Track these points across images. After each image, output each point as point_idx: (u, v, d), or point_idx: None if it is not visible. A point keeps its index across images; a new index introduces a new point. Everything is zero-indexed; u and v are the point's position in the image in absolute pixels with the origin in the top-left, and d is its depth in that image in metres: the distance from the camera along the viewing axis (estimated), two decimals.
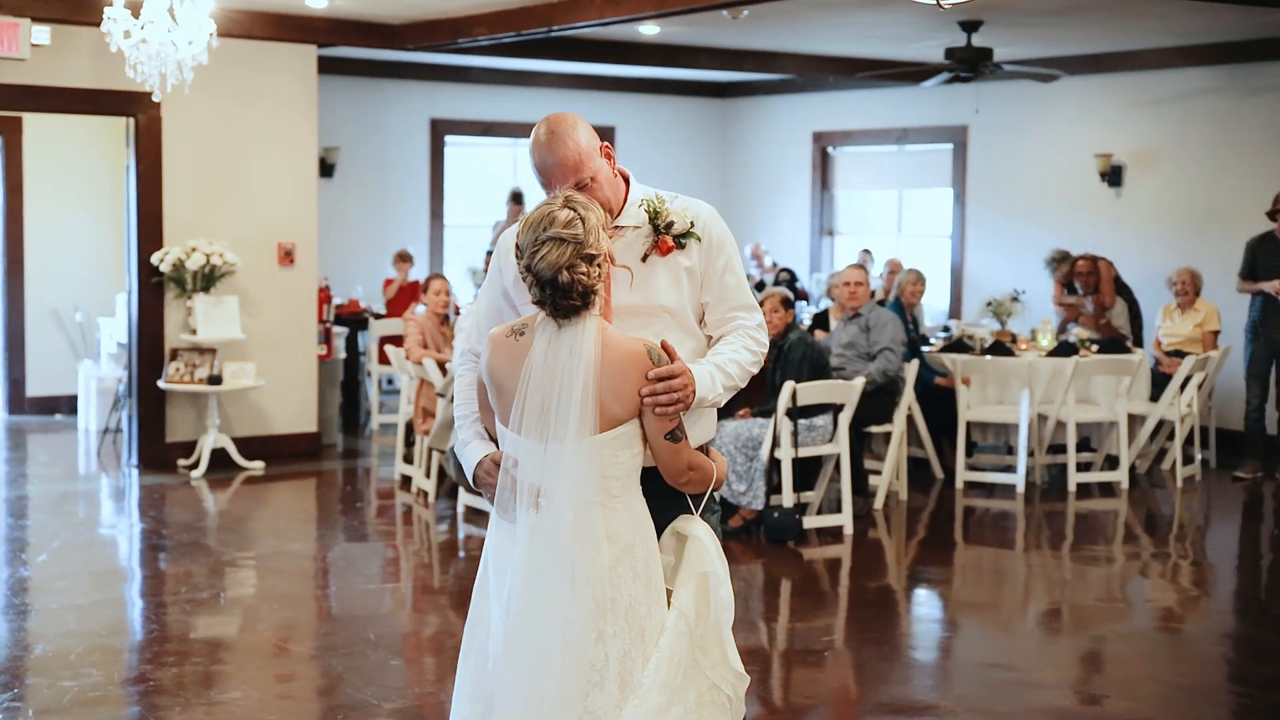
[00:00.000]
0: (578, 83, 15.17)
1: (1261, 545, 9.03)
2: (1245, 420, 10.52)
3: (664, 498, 3.56)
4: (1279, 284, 10.09)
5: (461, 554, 8.31)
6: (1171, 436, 10.48)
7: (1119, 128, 12.54)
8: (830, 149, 15.21)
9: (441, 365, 9.25)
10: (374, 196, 14.34)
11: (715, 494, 3.69)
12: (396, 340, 11.94)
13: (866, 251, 14.13)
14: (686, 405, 3.42)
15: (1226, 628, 7.06)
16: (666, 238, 3.63)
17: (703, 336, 3.72)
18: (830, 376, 8.60)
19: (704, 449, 3.67)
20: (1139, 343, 11.04)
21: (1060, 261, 11.62)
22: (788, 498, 8.38)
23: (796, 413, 8.31)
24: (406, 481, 10.00)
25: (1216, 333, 10.81)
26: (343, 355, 11.67)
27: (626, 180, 3.72)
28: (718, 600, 3.50)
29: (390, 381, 13.72)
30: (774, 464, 8.40)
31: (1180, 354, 10.64)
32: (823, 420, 8.49)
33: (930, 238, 14.40)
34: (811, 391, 8.31)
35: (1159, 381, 10.52)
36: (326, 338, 11.17)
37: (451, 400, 8.71)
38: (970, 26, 10.31)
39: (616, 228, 3.63)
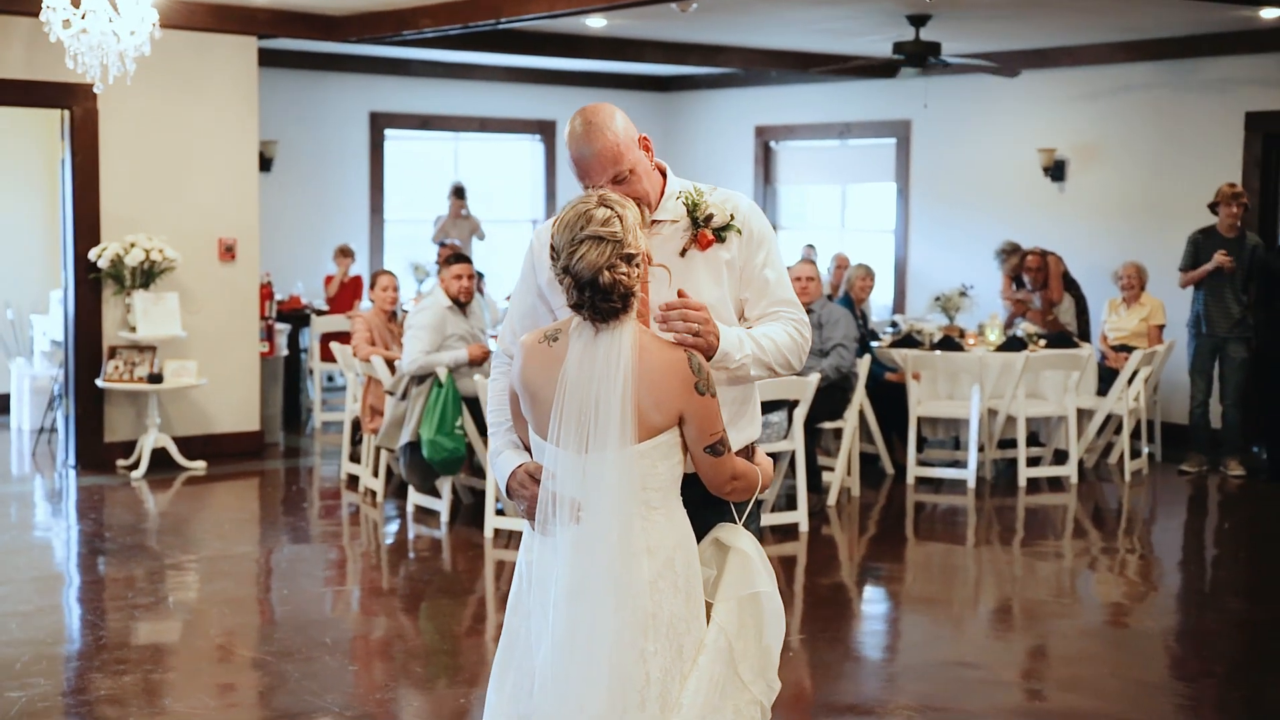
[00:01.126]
0: (518, 76, 15.03)
1: (1209, 539, 9.07)
2: (1190, 414, 10.58)
3: (705, 506, 3.43)
4: (1222, 257, 10.11)
5: (411, 555, 8.17)
6: (1118, 431, 10.53)
7: (1062, 122, 12.58)
8: (773, 143, 15.18)
9: (390, 363, 9.11)
10: (313, 191, 14.14)
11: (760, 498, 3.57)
12: (339, 337, 11.79)
13: (811, 247, 14.09)
14: (707, 345, 3.27)
15: (1175, 622, 7.06)
16: (706, 231, 3.50)
17: None
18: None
19: (749, 451, 3.56)
20: (1085, 338, 11.08)
21: (1010, 253, 11.64)
22: None
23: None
24: (353, 481, 9.84)
25: (1161, 327, 10.86)
26: (285, 352, 11.47)
27: (663, 173, 3.59)
28: (770, 616, 3.40)
29: (331, 379, 13.53)
30: None
31: (1126, 348, 10.69)
32: (777, 417, 8.44)
33: (874, 233, 14.40)
34: (766, 388, 8.24)
35: (1105, 376, 10.56)
36: (269, 335, 10.98)
37: (401, 398, 8.60)
38: (918, 21, 10.29)
39: (654, 222, 3.51)
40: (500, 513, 8.44)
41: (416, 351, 8.52)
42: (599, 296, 3.18)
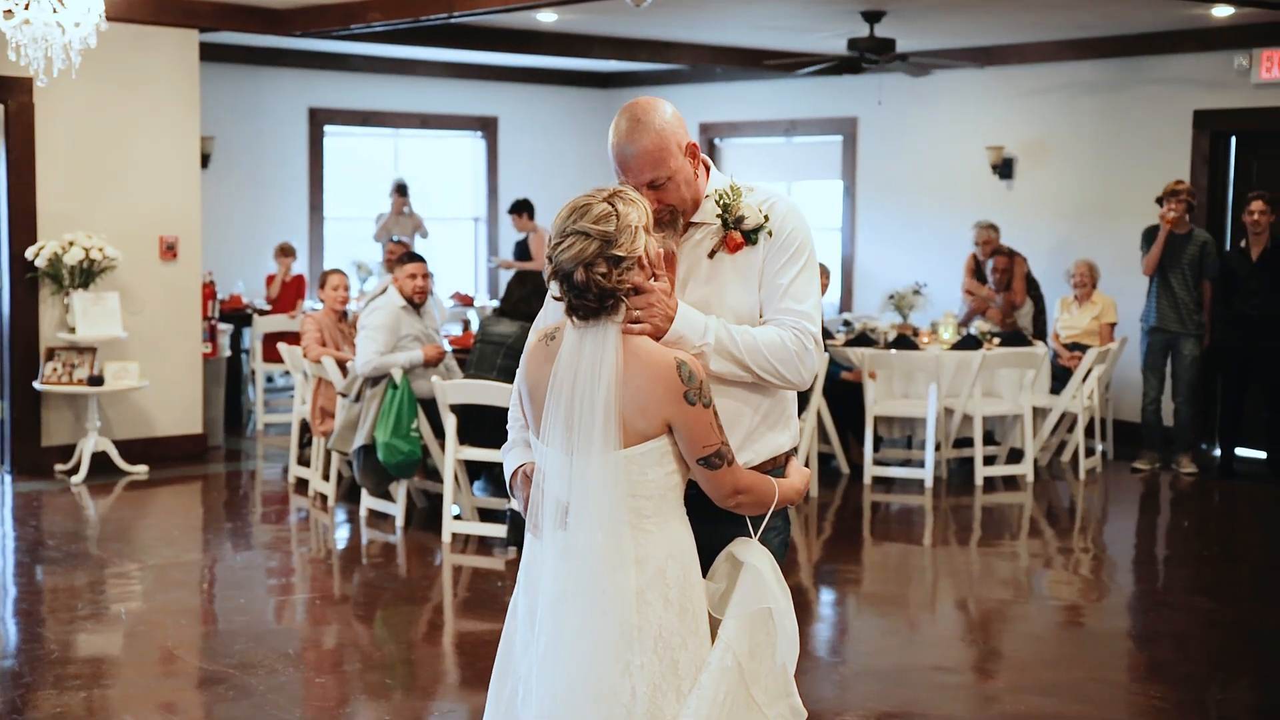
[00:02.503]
0: (460, 72, 14.82)
1: (1170, 538, 9.06)
2: (1142, 412, 10.60)
3: (720, 520, 3.29)
4: (1165, 210, 10.09)
5: (365, 561, 7.98)
6: (1071, 429, 10.52)
7: (1010, 120, 12.57)
8: (718, 140, 15.07)
9: (341, 364, 8.90)
10: (251, 189, 13.85)
11: (786, 509, 3.43)
12: (283, 337, 11.58)
13: None
14: (653, 329, 3.14)
15: (1143, 622, 7.01)
16: (735, 233, 3.35)
17: None
18: None
19: (782, 460, 3.42)
20: (1041, 338, 11.07)
21: (986, 229, 11.51)
22: None
23: None
24: (302, 484, 9.62)
25: (1113, 325, 10.87)
26: (227, 353, 11.21)
27: (708, 169, 3.45)
28: (783, 634, 3.25)
29: (270, 379, 13.27)
30: None
31: (1078, 347, 10.68)
32: None
33: (820, 230, 14.32)
34: None
35: (1058, 374, 10.54)
36: (211, 335, 10.73)
37: (355, 400, 8.41)
38: (873, 17, 10.21)
39: (691, 224, 3.38)
40: (458, 517, 8.27)
41: (371, 353, 8.32)
42: (574, 294, 3.10)
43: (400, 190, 13.77)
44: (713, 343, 3.24)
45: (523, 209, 13.79)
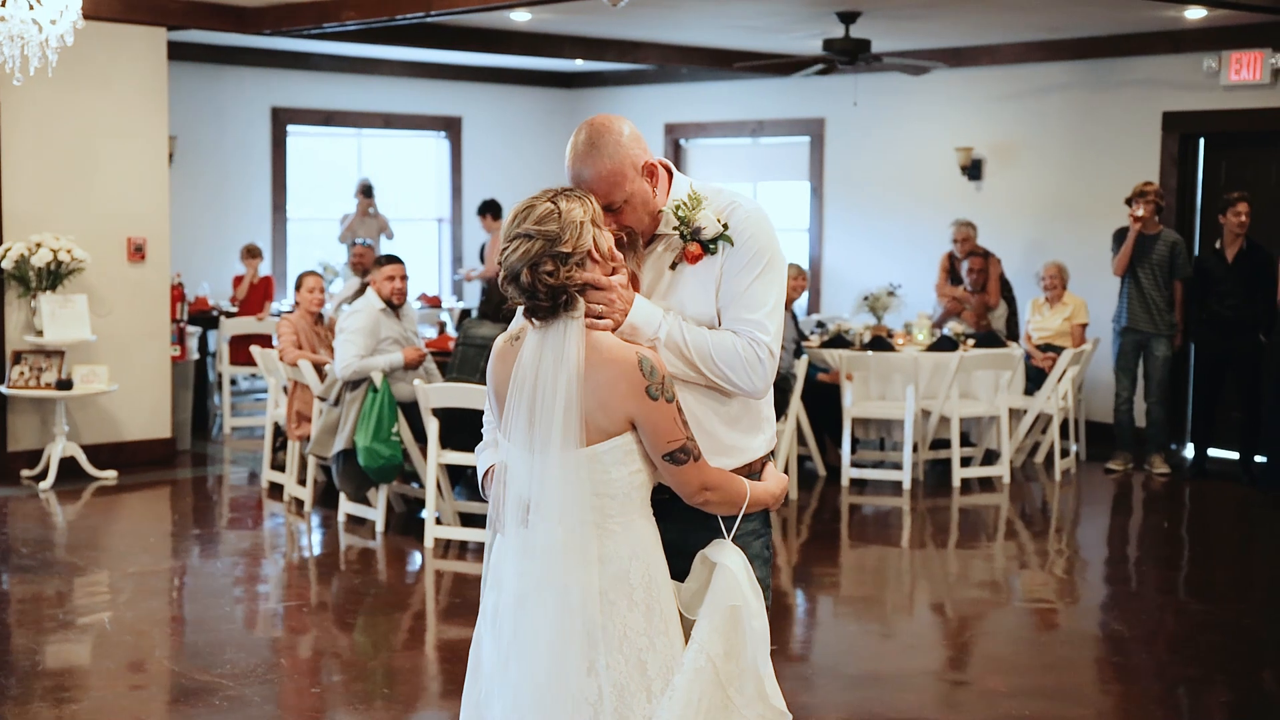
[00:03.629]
0: (423, 71, 14.70)
1: (1151, 540, 9.08)
2: (1115, 413, 10.63)
3: (690, 520, 3.27)
4: (1133, 208, 10.13)
5: (345, 567, 7.88)
6: (1045, 430, 10.55)
7: (979, 121, 12.59)
8: (683, 141, 15.03)
9: (318, 367, 8.79)
10: (213, 189, 13.67)
11: (766, 512, 3.39)
12: (252, 340, 11.46)
13: None
14: (614, 324, 3.13)
15: (1125, 623, 7.01)
16: (694, 244, 3.30)
17: None
18: None
19: (757, 466, 3.37)
20: (1014, 339, 11.10)
21: (964, 226, 11.51)
22: None
23: None
24: (275, 489, 9.49)
25: (1084, 325, 10.90)
26: (195, 356, 11.05)
27: (671, 177, 3.38)
28: (750, 633, 3.21)
29: (234, 382, 13.11)
30: None
31: (1050, 348, 10.71)
32: None
33: (787, 231, 14.30)
34: None
35: (1031, 375, 10.57)
36: (180, 338, 10.57)
37: (334, 404, 8.30)
38: (848, 18, 10.20)
39: (656, 236, 3.35)
40: (438, 521, 8.18)
41: (350, 356, 8.22)
42: (525, 295, 3.10)
43: (366, 191, 13.64)
44: (663, 338, 3.22)
45: (488, 210, 13.69)
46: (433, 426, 7.93)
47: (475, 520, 8.30)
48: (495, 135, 15.39)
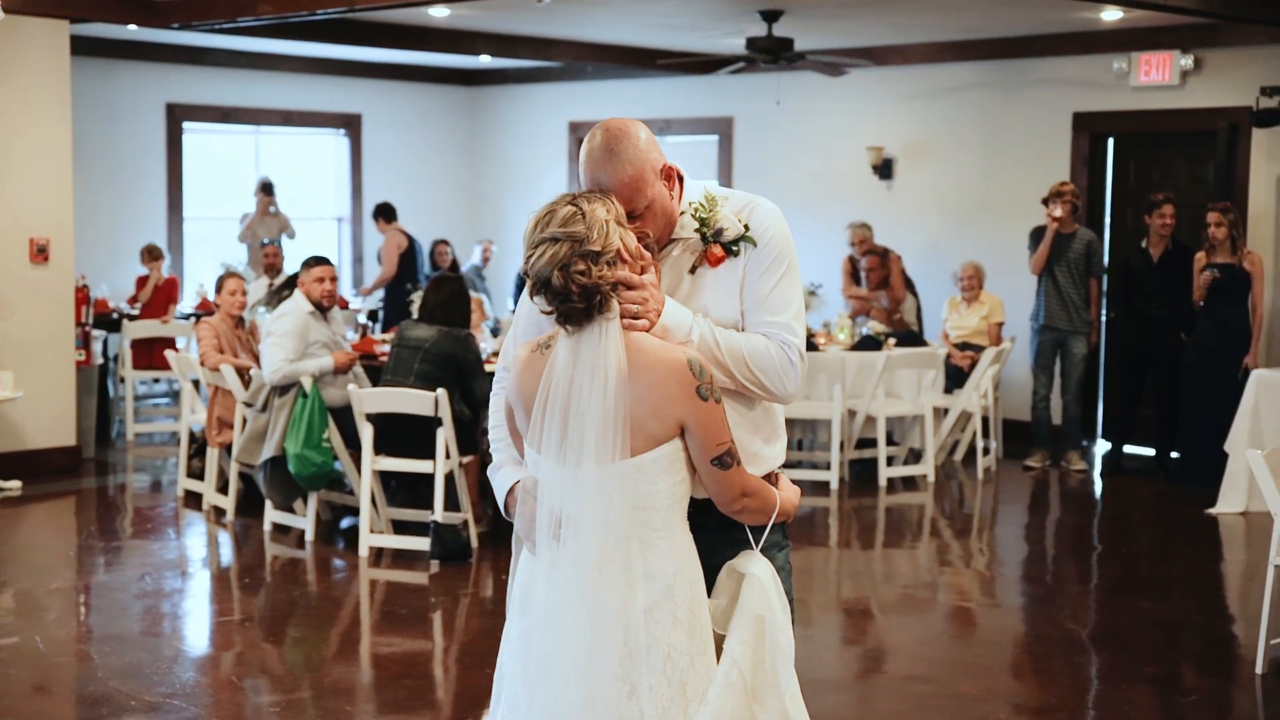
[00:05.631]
0: (321, 67, 14.39)
1: (1078, 535, 9.16)
2: (1033, 410, 10.72)
3: (720, 532, 3.16)
4: (1051, 208, 10.23)
5: (270, 577, 7.63)
6: (965, 428, 10.61)
7: (890, 121, 12.63)
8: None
9: (240, 372, 8.51)
10: (108, 188, 13.23)
11: (784, 525, 3.29)
12: (156, 343, 11.12)
13: None
14: (650, 322, 3.03)
15: (1083, 622, 7.06)
16: (715, 247, 3.19)
17: None
18: None
19: (772, 477, 3.26)
20: (921, 332, 11.15)
21: (860, 228, 11.53)
22: None
23: None
24: (193, 498, 9.17)
25: (1001, 324, 10.98)
26: (100, 360, 10.67)
27: (682, 182, 3.26)
28: (774, 646, 3.11)
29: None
30: None
31: (968, 346, 10.77)
32: None
33: None
34: None
35: (950, 374, 10.61)
36: (85, 342, 10.19)
37: (262, 410, 8.06)
38: (771, 16, 10.15)
39: (672, 239, 3.23)
40: (380, 531, 7.96)
41: (279, 360, 7.97)
42: (558, 299, 2.97)
43: (266, 189, 13.31)
44: (696, 340, 3.11)
45: (379, 213, 13.44)
46: (367, 432, 7.72)
47: (409, 528, 8.10)
48: (396, 133, 15.12)
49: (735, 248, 3.20)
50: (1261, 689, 5.98)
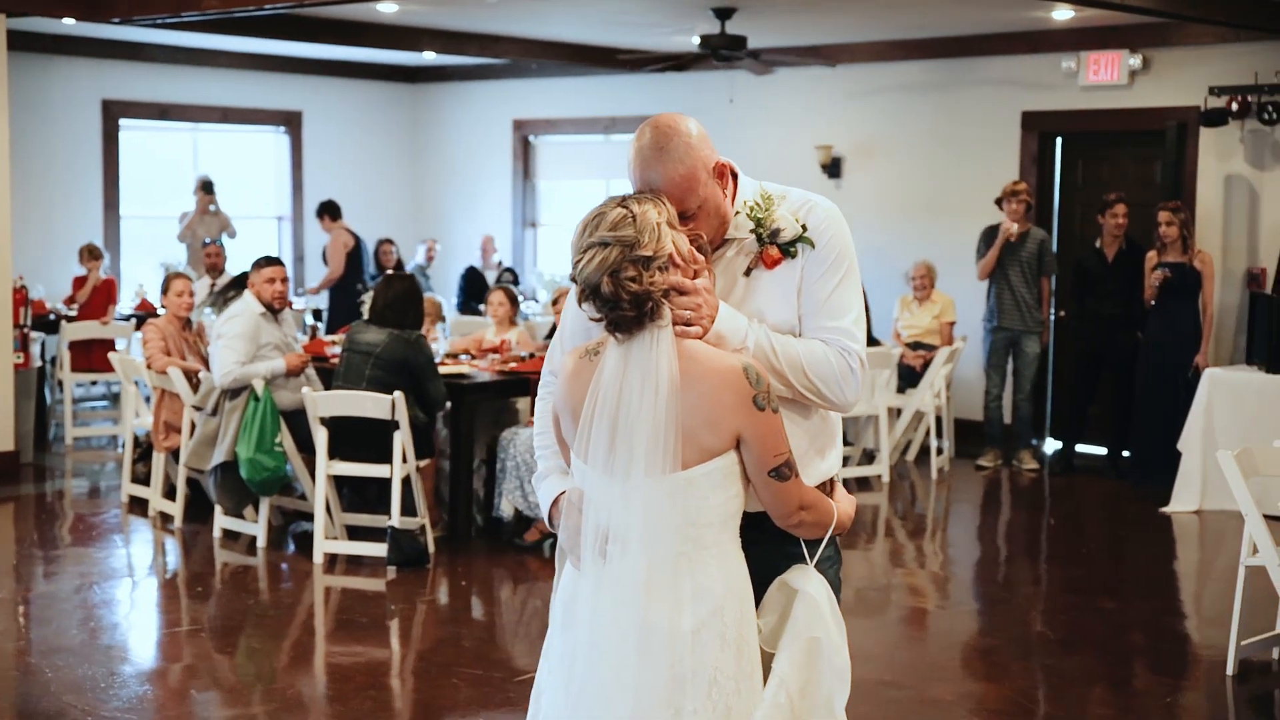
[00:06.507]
0: (262, 64, 14.15)
1: (1036, 535, 9.15)
2: (985, 409, 10.72)
3: (772, 545, 3.03)
4: (1007, 223, 10.24)
5: (220, 585, 7.45)
6: (918, 428, 10.59)
7: (839, 120, 12.58)
8: (532, 138, 14.75)
9: (188, 374, 8.31)
10: (42, 186, 12.92)
11: (836, 539, 3.15)
12: (95, 345, 10.88)
13: None
14: (703, 329, 2.91)
15: (1046, 624, 7.03)
16: (772, 248, 3.07)
17: None
18: None
19: (828, 487, 3.15)
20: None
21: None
22: None
23: None
24: (138, 504, 8.95)
25: (953, 323, 10.97)
26: (38, 363, 10.40)
27: (734, 175, 3.14)
28: (831, 670, 2.99)
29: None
30: None
31: (920, 346, 10.75)
32: None
33: None
34: None
35: (902, 374, 10.59)
36: (23, 344, 9.93)
37: (212, 414, 7.88)
38: (724, 14, 10.07)
39: (725, 240, 3.10)
40: (334, 538, 7.80)
41: (230, 363, 7.78)
42: (607, 307, 2.86)
43: (206, 187, 13.06)
44: (752, 347, 2.99)
45: (324, 211, 13.24)
46: (321, 436, 7.56)
47: (362, 533, 7.94)
48: (337, 131, 14.90)
49: (792, 249, 3.08)
50: (1233, 690, 5.96)
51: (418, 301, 7.89)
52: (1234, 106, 10.22)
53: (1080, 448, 10.72)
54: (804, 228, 3.08)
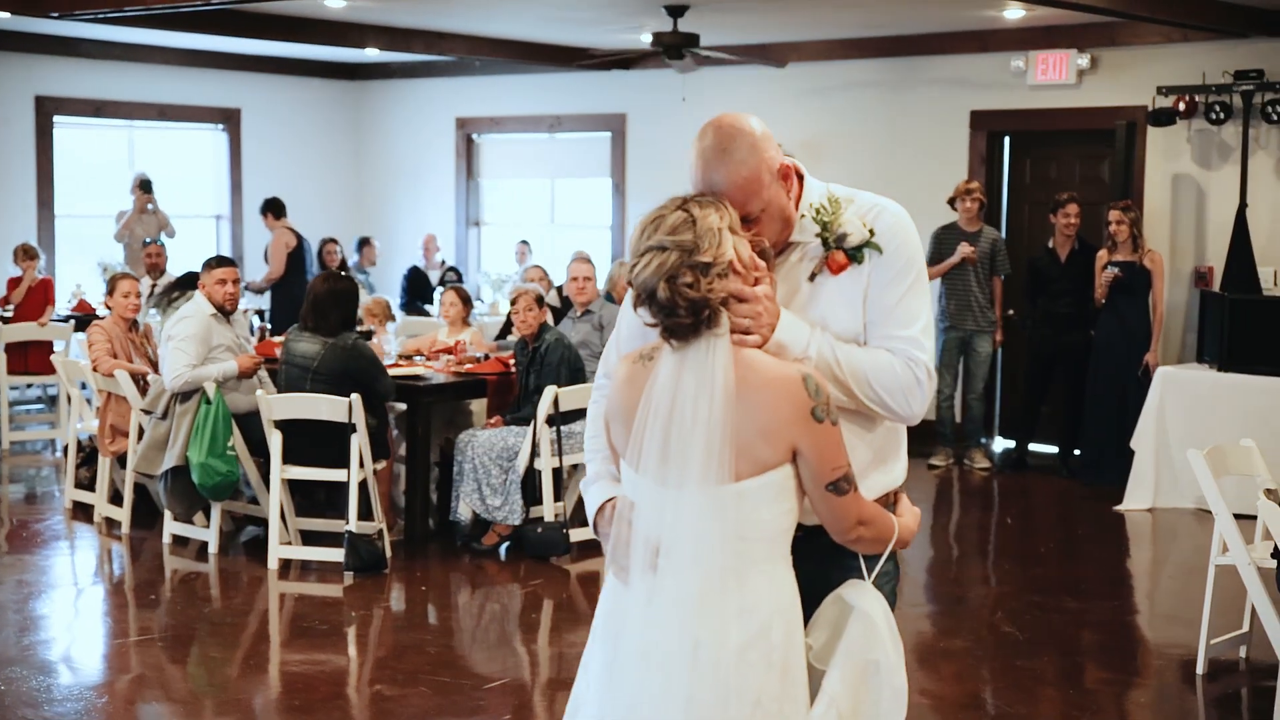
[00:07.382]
0: (199, 60, 13.89)
1: (995, 535, 9.15)
2: (937, 409, 10.69)
3: (827, 559, 2.93)
4: (966, 248, 10.26)
5: (170, 593, 7.27)
6: None
7: (787, 119, 12.52)
8: (476, 136, 14.60)
9: (135, 377, 8.12)
10: None
11: (896, 553, 3.03)
12: (35, 347, 10.64)
13: (525, 243, 13.66)
14: (762, 337, 2.81)
15: (1002, 625, 7.02)
16: (838, 253, 2.96)
17: None
18: (587, 379, 8.08)
19: (890, 499, 3.05)
20: None
21: None
22: (549, 510, 7.81)
23: (558, 419, 7.77)
24: (82, 509, 8.73)
25: None
26: None
27: (800, 177, 3.05)
28: (887, 692, 2.89)
29: None
30: (529, 475, 7.83)
31: None
32: (580, 426, 7.97)
33: (587, 228, 14.03)
34: (573, 396, 7.77)
35: None
36: None
37: (162, 418, 7.71)
38: (676, 12, 9.99)
39: (790, 244, 3.01)
40: (287, 543, 7.64)
41: (182, 365, 7.60)
42: (663, 313, 2.76)
43: (144, 186, 12.80)
44: (814, 357, 2.89)
45: (268, 209, 13.03)
46: (275, 439, 7.40)
47: (316, 538, 7.79)
48: (276, 128, 14.67)
49: (859, 254, 2.97)
50: (1203, 689, 5.96)
51: (344, 302, 7.66)
52: (1181, 106, 10.27)
53: (1032, 446, 10.74)
54: (871, 232, 2.98)
